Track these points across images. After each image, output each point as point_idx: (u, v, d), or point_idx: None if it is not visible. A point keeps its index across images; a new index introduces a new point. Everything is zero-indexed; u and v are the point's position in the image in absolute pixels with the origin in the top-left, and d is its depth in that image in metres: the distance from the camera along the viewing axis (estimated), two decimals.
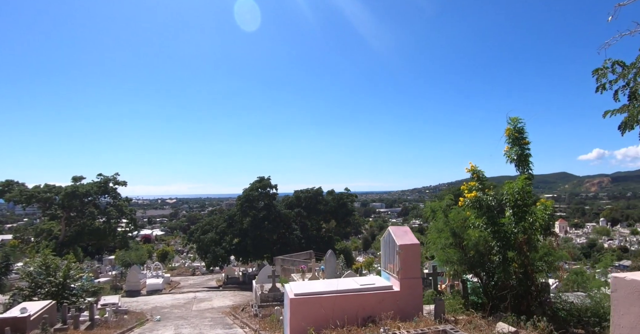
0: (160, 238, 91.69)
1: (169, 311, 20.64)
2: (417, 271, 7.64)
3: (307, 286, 7.65)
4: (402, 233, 7.89)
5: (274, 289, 14.95)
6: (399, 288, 7.50)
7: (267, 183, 35.09)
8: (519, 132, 8.92)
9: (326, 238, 36.53)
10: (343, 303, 7.08)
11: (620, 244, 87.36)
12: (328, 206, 37.23)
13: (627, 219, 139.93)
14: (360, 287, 7.45)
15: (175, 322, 16.29)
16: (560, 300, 8.25)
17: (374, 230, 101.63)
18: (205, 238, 34.49)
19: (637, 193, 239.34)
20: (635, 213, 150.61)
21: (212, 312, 19.62)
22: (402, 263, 7.54)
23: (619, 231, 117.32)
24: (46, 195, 45.41)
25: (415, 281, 7.57)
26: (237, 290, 27.87)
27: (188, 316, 18.25)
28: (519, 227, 7.57)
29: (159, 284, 28.34)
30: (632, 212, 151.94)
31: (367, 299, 7.31)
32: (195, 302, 23.36)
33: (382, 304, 7.29)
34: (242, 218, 34.47)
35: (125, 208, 48.69)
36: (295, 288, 7.44)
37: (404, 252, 7.54)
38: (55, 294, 17.08)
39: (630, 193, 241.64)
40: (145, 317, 18.48)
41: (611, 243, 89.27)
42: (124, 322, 15.90)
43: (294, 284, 7.79)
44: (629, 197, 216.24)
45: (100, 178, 48.12)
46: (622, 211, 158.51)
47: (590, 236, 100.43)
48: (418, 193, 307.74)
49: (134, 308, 21.58)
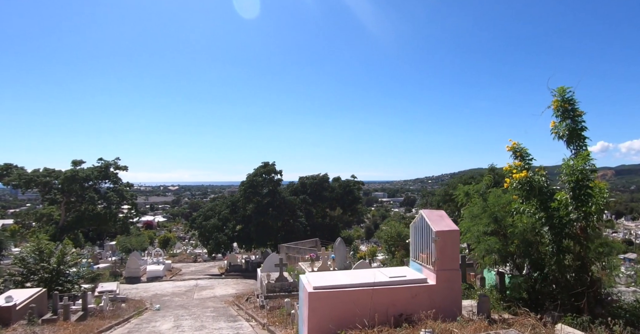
0: (163, 225, 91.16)
1: (169, 299, 19.76)
2: (455, 261, 6.52)
3: (328, 277, 6.54)
4: (437, 218, 6.75)
5: (281, 278, 13.90)
6: (435, 281, 6.39)
7: (271, 169, 33.93)
8: (569, 103, 7.61)
9: (332, 225, 35.51)
10: (371, 299, 5.98)
11: (624, 237, 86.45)
12: (334, 193, 36.13)
13: (632, 212, 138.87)
14: (390, 280, 6.34)
15: (175, 312, 15.32)
16: (619, 298, 7.14)
17: (376, 219, 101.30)
18: (207, 224, 33.50)
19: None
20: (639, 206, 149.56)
21: (214, 301, 18.70)
22: (439, 253, 6.41)
23: (624, 224, 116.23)
24: (45, 179, 44.43)
25: (453, 274, 6.45)
26: (240, 278, 27.07)
27: (189, 305, 17.30)
28: (579, 213, 6.39)
29: (159, 271, 27.50)
30: (637, 205, 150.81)
31: (399, 294, 6.20)
32: (196, 290, 22.49)
33: (416, 300, 6.19)
34: (245, 204, 33.43)
35: (126, 193, 47.70)
36: (313, 279, 6.33)
37: (441, 239, 6.40)
38: (49, 281, 16.16)
39: (634, 186, 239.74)
40: (144, 305, 17.56)
41: (615, 235, 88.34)
42: (120, 311, 14.93)
43: (312, 276, 6.68)
44: (633, 190, 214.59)
45: (100, 163, 47.07)
46: (626, 204, 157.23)
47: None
48: (420, 183, 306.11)
49: (133, 296, 20.76)
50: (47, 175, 44.78)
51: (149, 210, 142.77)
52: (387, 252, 21.77)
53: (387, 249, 21.87)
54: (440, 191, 31.35)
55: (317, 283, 6.14)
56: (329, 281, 6.22)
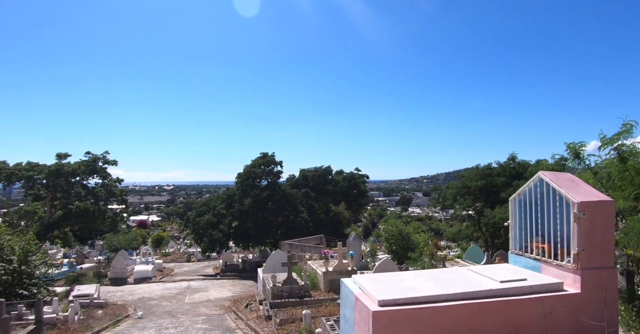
0: (157, 224, 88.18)
1: (156, 304, 17.11)
2: (610, 254, 3.87)
3: (393, 282, 3.85)
4: (568, 183, 4.09)
5: (290, 280, 11.20)
6: (579, 287, 3.74)
7: (271, 160, 31.11)
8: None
9: (336, 221, 32.77)
10: (476, 319, 3.33)
11: None
12: (338, 186, 33.33)
13: None
14: (504, 287, 3.68)
15: (159, 322, 12.60)
16: None
17: (373, 218, 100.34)
18: (201, 220, 30.68)
19: None
20: None
21: (207, 306, 16.03)
22: (585, 239, 3.76)
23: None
24: (28, 174, 41.53)
25: (608, 275, 3.80)
26: (237, 279, 24.57)
27: (178, 312, 14.59)
28: None
29: (148, 272, 24.80)
30: None
31: (523, 310, 3.56)
32: (188, 293, 19.86)
33: (550, 321, 3.53)
34: (242, 198, 30.63)
35: (115, 189, 44.87)
36: (372, 286, 3.64)
37: (588, 217, 3.75)
38: (9, 284, 13.52)
39: None
40: (125, 312, 14.89)
41: None
42: (92, 321, 12.21)
43: (366, 280, 3.97)
44: None
45: (88, 157, 44.20)
46: None
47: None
48: (415, 182, 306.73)
49: (117, 299, 18.27)
50: (30, 169, 41.98)
51: (143, 209, 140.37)
52: (388, 251, 19.80)
53: (388, 248, 19.85)
54: (457, 184, 28.68)
55: (382, 293, 3.47)
56: (402, 291, 3.55)
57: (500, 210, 23.37)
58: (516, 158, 28.03)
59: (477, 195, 27.27)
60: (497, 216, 23.00)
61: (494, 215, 23.57)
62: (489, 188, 27.02)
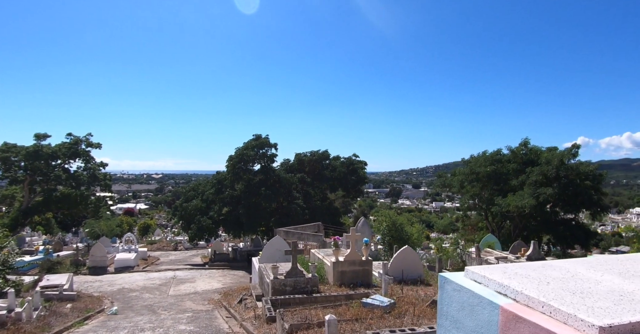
0: (144, 212, 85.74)
1: (136, 296, 15.21)
2: None
3: (588, 287, 1.86)
4: None
5: (294, 272, 9.22)
6: None
7: (265, 142, 28.90)
8: None
9: (333, 209, 30.82)
10: None
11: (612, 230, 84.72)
12: (336, 172, 31.29)
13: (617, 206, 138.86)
14: None
15: (135, 319, 10.56)
16: None
17: (364, 209, 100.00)
18: (188, 206, 28.50)
19: (620, 181, 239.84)
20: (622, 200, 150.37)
21: (194, 300, 14.09)
22: None
23: (611, 217, 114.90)
24: (4, 155, 38.86)
25: None
26: (227, 269, 22.84)
27: (159, 307, 12.60)
28: None
29: (130, 260, 22.85)
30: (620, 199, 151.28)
31: None
32: (173, 284, 17.99)
33: None
34: (233, 182, 28.48)
35: (98, 173, 42.37)
36: (557, 296, 1.64)
37: None
38: None
39: (614, 181, 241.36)
40: (99, 306, 12.91)
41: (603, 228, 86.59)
42: (54, 318, 10.14)
43: (520, 280, 1.96)
44: (613, 185, 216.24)
45: (69, 139, 41.52)
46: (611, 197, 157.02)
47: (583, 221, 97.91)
48: (405, 174, 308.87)
49: (93, 291, 16.48)
50: (6, 150, 39.27)
51: (131, 197, 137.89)
52: (382, 243, 18.31)
53: (382, 240, 18.35)
54: (464, 170, 26.84)
55: (596, 311, 1.49)
56: (622, 303, 1.57)
57: (515, 198, 21.61)
58: (529, 143, 26.27)
59: (485, 182, 25.52)
60: (512, 205, 21.20)
61: (508, 204, 21.73)
62: (498, 174, 25.26)
